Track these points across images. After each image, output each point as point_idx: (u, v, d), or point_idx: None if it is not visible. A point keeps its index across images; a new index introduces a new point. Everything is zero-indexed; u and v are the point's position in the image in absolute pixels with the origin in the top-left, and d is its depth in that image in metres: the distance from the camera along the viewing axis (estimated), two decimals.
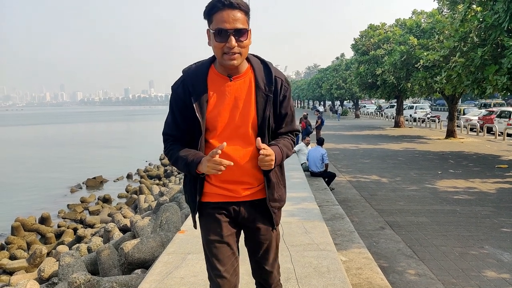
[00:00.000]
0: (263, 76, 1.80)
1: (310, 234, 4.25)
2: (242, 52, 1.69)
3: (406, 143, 16.82)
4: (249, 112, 1.78)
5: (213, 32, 1.66)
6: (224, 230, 1.84)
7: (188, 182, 1.89)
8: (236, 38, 1.64)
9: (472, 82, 11.31)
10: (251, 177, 1.84)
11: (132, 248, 4.94)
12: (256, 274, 2.02)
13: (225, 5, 1.61)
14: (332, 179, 8.32)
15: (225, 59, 1.68)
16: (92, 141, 37.95)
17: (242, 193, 1.84)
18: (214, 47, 1.69)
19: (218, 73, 1.78)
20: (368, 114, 45.87)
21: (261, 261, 1.96)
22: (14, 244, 9.50)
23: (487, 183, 8.58)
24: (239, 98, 1.78)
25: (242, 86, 1.78)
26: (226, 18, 1.62)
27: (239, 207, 1.86)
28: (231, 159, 1.72)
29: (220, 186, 1.84)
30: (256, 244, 1.93)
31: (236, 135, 1.80)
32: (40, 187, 17.12)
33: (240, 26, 1.64)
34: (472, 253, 4.59)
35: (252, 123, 1.80)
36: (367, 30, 25.57)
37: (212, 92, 1.78)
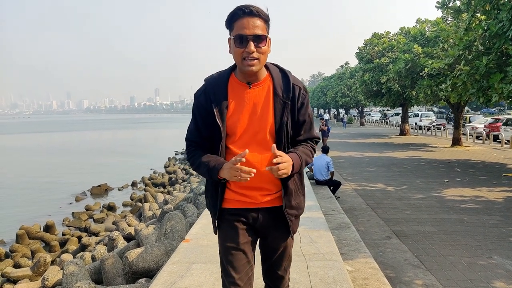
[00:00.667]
0: (281, 84, 1.85)
1: (316, 243, 4.21)
2: (261, 58, 1.74)
3: (412, 151, 16.73)
4: (267, 118, 1.82)
5: (233, 38, 1.72)
6: (240, 238, 1.87)
7: (210, 188, 1.94)
8: (255, 44, 1.70)
9: (477, 90, 11.26)
10: (269, 183, 1.87)
11: (137, 257, 4.92)
12: (268, 278, 2.04)
13: (245, 13, 1.69)
14: (337, 187, 8.27)
15: (245, 64, 1.73)
16: (97, 149, 38.12)
17: (260, 199, 1.87)
18: (234, 53, 1.75)
19: (238, 81, 1.84)
20: (373, 122, 45.78)
21: (274, 266, 1.99)
22: (18, 252, 9.50)
23: (494, 191, 8.49)
24: (258, 104, 1.83)
25: (261, 93, 1.83)
26: (246, 25, 1.69)
27: (258, 214, 1.89)
28: (249, 165, 1.74)
29: (239, 192, 1.87)
30: (271, 250, 1.96)
31: (255, 141, 1.84)
32: (45, 194, 17.18)
33: (259, 32, 1.70)
34: (481, 263, 4.52)
35: (270, 129, 1.83)
36: (371, 39, 25.62)
37: (232, 99, 1.83)
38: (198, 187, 9.66)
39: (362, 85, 25.29)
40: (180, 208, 8.67)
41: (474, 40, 10.92)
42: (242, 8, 1.69)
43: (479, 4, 10.17)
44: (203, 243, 4.32)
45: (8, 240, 10.82)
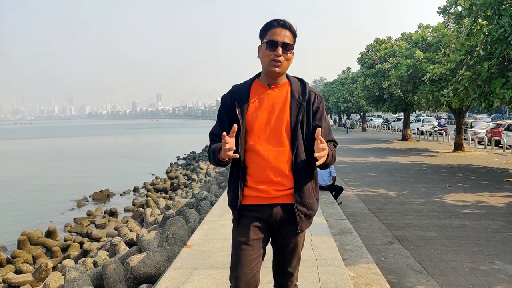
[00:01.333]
0: (298, 88, 2.08)
1: (318, 249, 4.20)
2: (284, 63, 2.00)
3: (414, 156, 16.71)
4: (283, 116, 2.03)
5: (265, 41, 1.98)
6: (251, 234, 2.00)
7: (231, 185, 2.11)
8: (283, 50, 1.97)
9: (479, 95, 11.26)
10: (283, 177, 2.02)
11: (138, 263, 4.92)
12: (277, 274, 2.17)
13: (279, 24, 1.99)
14: (339, 192, 8.26)
15: (271, 65, 1.98)
16: (99, 155, 38.20)
17: (273, 194, 2.02)
18: (263, 56, 2.00)
19: (260, 83, 2.09)
20: (375, 127, 45.76)
21: (284, 263, 2.11)
22: (20, 258, 9.50)
23: (496, 196, 8.47)
24: (276, 104, 2.05)
25: (280, 95, 2.06)
26: (278, 33, 1.97)
27: (271, 210, 2.03)
28: (264, 159, 2.00)
29: (254, 187, 2.03)
30: (282, 246, 2.09)
31: (271, 136, 2.03)
32: (46, 200, 17.21)
33: (288, 41, 1.98)
34: (483, 268, 4.50)
35: (286, 127, 2.02)
36: (373, 44, 25.67)
37: (253, 98, 2.07)
38: (200, 193, 9.66)
39: (364, 90, 25.30)
40: (182, 213, 8.68)
41: (476, 46, 10.94)
42: (277, 20, 1.99)
43: (480, 10, 10.20)
44: (205, 248, 4.32)
45: (9, 246, 10.82)
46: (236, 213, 2.06)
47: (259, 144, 2.01)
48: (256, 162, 2.03)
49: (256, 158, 2.01)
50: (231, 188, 2.10)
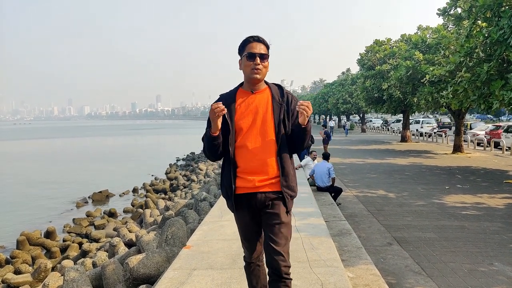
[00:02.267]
0: (277, 92, 2.47)
1: (317, 250, 4.21)
2: (263, 70, 2.39)
3: (413, 157, 16.72)
4: (267, 116, 2.40)
5: (245, 54, 2.36)
6: (246, 217, 2.45)
7: (224, 178, 2.47)
8: (260, 59, 2.36)
9: (478, 97, 11.28)
10: (269, 167, 2.38)
11: (137, 263, 4.92)
12: (268, 254, 2.35)
13: (255, 40, 2.38)
14: (338, 194, 8.27)
15: (252, 73, 2.36)
16: (98, 155, 38.16)
17: (258, 185, 2.37)
18: (245, 66, 2.39)
19: (244, 90, 2.48)
20: (375, 129, 45.79)
21: (273, 242, 2.32)
22: (19, 258, 9.48)
23: (495, 198, 8.48)
24: (260, 106, 2.42)
25: (262, 98, 2.44)
26: (254, 46, 2.37)
27: (255, 197, 2.38)
28: (252, 151, 2.37)
29: (244, 178, 2.39)
30: (269, 226, 2.37)
31: (258, 134, 2.39)
32: (45, 201, 17.19)
33: (263, 52, 2.38)
34: (481, 269, 4.51)
35: (270, 124, 2.39)
36: (372, 45, 25.70)
37: (239, 103, 2.44)
38: (199, 194, 9.67)
39: (364, 91, 25.33)
40: (181, 214, 8.67)
41: (475, 47, 10.96)
42: (252, 36, 2.39)
43: (480, 11, 10.22)
44: (204, 249, 4.32)
45: (8, 246, 10.81)
46: (232, 201, 2.41)
47: (248, 141, 2.38)
48: (245, 156, 2.39)
49: (245, 153, 2.38)
50: (225, 181, 2.46)
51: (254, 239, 2.52)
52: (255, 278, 2.62)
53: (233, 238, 4.72)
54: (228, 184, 2.43)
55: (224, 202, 6.90)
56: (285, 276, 2.28)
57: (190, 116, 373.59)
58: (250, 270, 2.61)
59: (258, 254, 2.57)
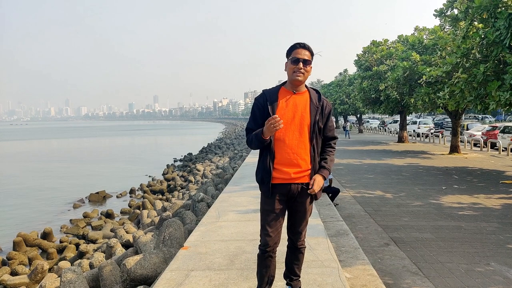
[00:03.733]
0: (315, 96, 2.80)
1: (314, 250, 4.21)
2: (305, 74, 2.68)
3: (410, 158, 16.76)
4: (304, 115, 2.72)
5: (290, 59, 2.67)
6: (275, 205, 2.73)
7: (261, 165, 2.76)
8: (303, 64, 2.66)
9: (475, 97, 11.33)
10: (303, 160, 2.72)
11: (135, 264, 4.91)
12: (290, 232, 2.88)
13: (301, 46, 2.69)
14: (336, 194, 8.28)
15: (294, 75, 2.66)
16: (95, 156, 38.07)
17: (292, 176, 2.70)
18: (289, 68, 2.69)
19: (286, 90, 2.78)
20: (372, 129, 45.88)
21: (296, 223, 2.83)
22: (15, 260, 9.45)
23: (491, 198, 8.51)
24: (299, 106, 2.73)
25: (301, 99, 2.75)
26: (300, 52, 2.67)
27: (290, 187, 2.72)
28: (289, 146, 2.69)
29: (279, 169, 2.70)
30: (295, 211, 2.81)
31: (295, 130, 2.70)
32: (42, 201, 17.13)
33: (307, 58, 2.68)
34: (478, 270, 4.52)
35: (307, 123, 2.71)
36: (369, 46, 25.76)
37: (281, 100, 2.73)
38: (196, 194, 9.66)
39: (361, 92, 25.38)
40: (178, 215, 8.66)
41: (472, 48, 11.01)
42: (300, 43, 2.70)
43: (476, 13, 10.26)
44: (201, 250, 4.32)
45: (5, 247, 10.76)
46: (269, 187, 2.70)
47: (285, 135, 2.69)
48: (282, 149, 2.69)
49: (282, 146, 2.69)
50: (262, 168, 2.75)
51: (276, 226, 2.75)
52: (265, 267, 2.82)
53: (230, 239, 4.72)
54: (266, 172, 2.72)
55: (221, 203, 6.92)
56: (301, 248, 2.89)
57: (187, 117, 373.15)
58: (263, 258, 2.81)
59: (274, 244, 2.77)
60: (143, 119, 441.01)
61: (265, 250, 2.78)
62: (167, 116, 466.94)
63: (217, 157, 26.81)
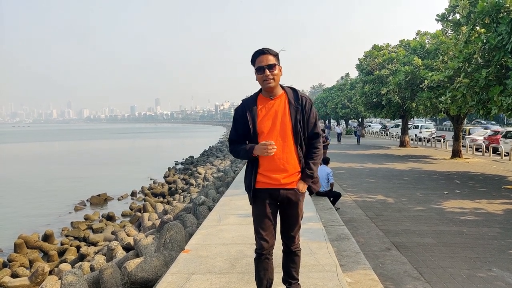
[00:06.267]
0: (293, 96, 2.76)
1: (315, 255, 4.21)
2: (275, 78, 2.66)
3: (412, 162, 16.74)
4: (285, 119, 2.71)
5: (255, 69, 2.67)
6: (267, 209, 2.76)
7: (247, 174, 2.82)
8: (269, 70, 2.64)
9: (477, 102, 11.32)
10: (290, 165, 2.73)
11: (135, 267, 4.91)
12: (284, 236, 2.91)
13: (260, 53, 2.65)
14: (337, 198, 8.26)
15: (265, 84, 2.67)
16: (97, 159, 38.12)
17: (281, 182, 2.73)
18: (258, 78, 2.69)
19: (263, 97, 2.78)
20: (373, 133, 45.86)
21: (288, 228, 2.87)
22: (16, 262, 9.44)
23: (493, 204, 8.49)
24: (278, 111, 2.72)
25: (280, 103, 2.74)
26: (261, 60, 2.64)
27: (279, 192, 2.75)
28: (274, 153, 2.64)
29: (267, 175, 2.73)
30: (286, 216, 2.84)
31: (277, 135, 2.70)
32: (44, 204, 17.14)
33: (271, 62, 2.64)
34: (480, 275, 4.50)
35: (288, 126, 2.71)
36: (371, 51, 25.79)
37: (260, 109, 2.74)
38: (198, 197, 9.65)
39: (362, 96, 25.38)
40: (179, 218, 8.66)
41: (474, 53, 11.01)
42: (258, 51, 2.66)
43: (478, 17, 10.27)
44: (202, 253, 4.32)
45: (6, 249, 10.76)
46: (251, 195, 2.77)
47: None
48: (268, 157, 2.68)
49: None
50: (247, 176, 2.81)
51: (269, 230, 2.78)
52: (263, 270, 2.84)
53: (231, 242, 4.71)
54: (249, 180, 2.80)
55: (222, 207, 6.92)
56: (296, 251, 2.91)
57: (189, 120, 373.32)
58: (260, 262, 2.84)
59: (270, 246, 2.80)
60: (144, 122, 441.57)
61: (261, 253, 2.81)
62: (169, 119, 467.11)
63: (218, 160, 26.82)
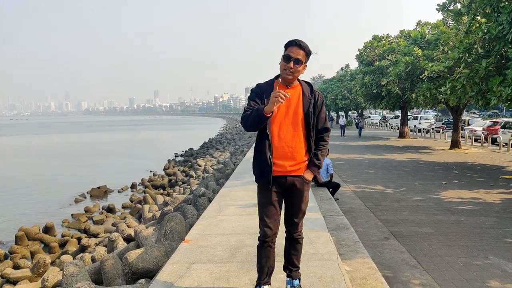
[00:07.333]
0: (307, 89, 2.86)
1: (315, 244, 4.25)
2: (295, 74, 2.71)
3: (411, 153, 16.78)
4: (297, 108, 2.78)
5: (283, 55, 2.69)
6: (272, 197, 2.80)
7: (259, 158, 2.79)
8: (294, 64, 2.66)
9: (476, 93, 11.32)
10: (298, 153, 2.79)
11: (136, 258, 4.95)
12: (287, 224, 2.96)
13: (296, 44, 2.66)
14: (336, 189, 8.31)
15: (284, 73, 2.72)
16: (96, 151, 38.13)
17: (287, 168, 2.77)
18: (281, 65, 2.72)
19: (280, 84, 2.77)
20: (373, 125, 45.86)
21: (292, 215, 2.90)
22: (17, 254, 9.51)
23: (491, 193, 8.54)
24: (292, 99, 2.78)
25: (294, 93, 2.80)
26: (293, 51, 2.66)
27: (286, 179, 2.79)
28: (283, 139, 2.75)
29: (274, 162, 2.75)
30: (291, 204, 2.89)
31: (289, 124, 2.77)
32: (44, 196, 17.20)
33: (300, 58, 2.66)
34: (476, 263, 4.56)
35: (300, 116, 2.78)
36: (371, 41, 25.68)
37: None
38: (198, 189, 9.70)
39: (362, 87, 25.34)
40: (180, 209, 8.70)
41: (474, 43, 10.97)
42: (296, 40, 2.67)
43: (479, 7, 10.23)
44: (203, 243, 4.36)
45: (7, 242, 10.83)
46: (270, 179, 2.73)
47: (280, 130, 2.75)
48: (277, 143, 2.75)
49: (277, 140, 2.75)
50: (261, 161, 2.76)
51: (274, 218, 2.81)
52: (265, 257, 2.87)
53: (231, 232, 4.76)
54: (267, 165, 2.74)
55: (222, 198, 6.96)
56: (298, 238, 2.97)
57: (188, 112, 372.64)
58: (262, 249, 2.87)
59: (273, 234, 2.83)
60: (143, 114, 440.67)
61: (264, 240, 2.84)
62: (168, 111, 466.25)
63: (218, 152, 26.85)
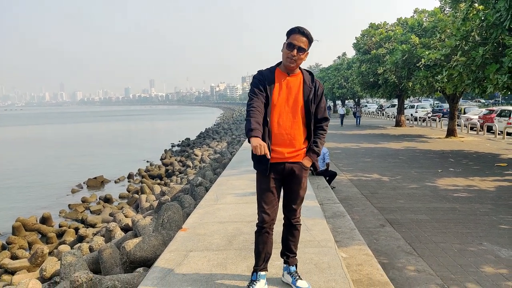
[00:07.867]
0: (308, 78, 2.88)
1: (311, 231, 4.28)
2: (298, 61, 2.74)
3: (407, 142, 16.84)
4: (298, 96, 2.81)
5: (286, 43, 2.71)
6: (270, 183, 2.82)
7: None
8: (298, 51, 2.69)
9: (473, 81, 11.32)
10: (297, 141, 2.82)
11: (134, 247, 4.97)
12: (285, 209, 2.97)
13: (299, 32, 2.69)
14: (333, 177, 8.35)
15: (287, 61, 2.74)
16: (92, 141, 38.02)
17: (286, 155, 2.79)
18: (284, 53, 2.75)
19: (281, 71, 2.84)
20: (370, 114, 45.90)
21: (291, 201, 2.92)
22: (15, 244, 9.53)
23: (486, 181, 8.61)
24: (293, 88, 2.82)
25: (295, 81, 2.84)
26: (296, 38, 2.68)
27: (284, 166, 2.81)
28: (282, 126, 2.78)
29: (274, 149, 2.78)
30: (289, 190, 2.90)
31: (289, 111, 2.79)
32: (41, 187, 17.18)
33: (303, 46, 2.69)
34: (471, 249, 4.62)
35: (300, 103, 2.81)
36: (368, 29, 25.53)
37: (277, 81, 2.81)
38: (195, 179, 9.71)
39: (359, 76, 25.26)
40: (177, 199, 8.72)
41: (471, 31, 10.93)
42: (299, 28, 2.69)
43: None
44: (200, 231, 4.38)
45: (4, 232, 10.84)
46: (267, 166, 2.75)
47: (280, 117, 2.77)
48: (277, 130, 2.77)
49: (277, 127, 2.77)
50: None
51: (272, 204, 2.83)
52: (262, 243, 2.89)
53: (229, 220, 4.78)
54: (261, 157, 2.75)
55: (219, 186, 6.98)
56: (296, 224, 2.97)
57: (184, 102, 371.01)
58: (260, 235, 2.89)
59: (271, 220, 2.85)
60: (139, 104, 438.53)
61: (262, 226, 2.86)
62: (164, 101, 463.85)
63: (215, 142, 26.84)
